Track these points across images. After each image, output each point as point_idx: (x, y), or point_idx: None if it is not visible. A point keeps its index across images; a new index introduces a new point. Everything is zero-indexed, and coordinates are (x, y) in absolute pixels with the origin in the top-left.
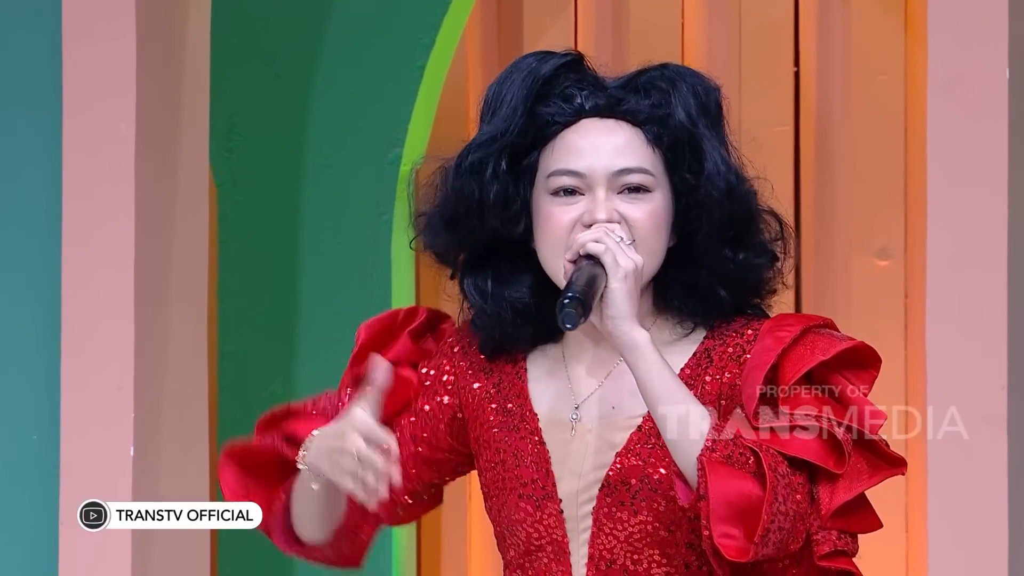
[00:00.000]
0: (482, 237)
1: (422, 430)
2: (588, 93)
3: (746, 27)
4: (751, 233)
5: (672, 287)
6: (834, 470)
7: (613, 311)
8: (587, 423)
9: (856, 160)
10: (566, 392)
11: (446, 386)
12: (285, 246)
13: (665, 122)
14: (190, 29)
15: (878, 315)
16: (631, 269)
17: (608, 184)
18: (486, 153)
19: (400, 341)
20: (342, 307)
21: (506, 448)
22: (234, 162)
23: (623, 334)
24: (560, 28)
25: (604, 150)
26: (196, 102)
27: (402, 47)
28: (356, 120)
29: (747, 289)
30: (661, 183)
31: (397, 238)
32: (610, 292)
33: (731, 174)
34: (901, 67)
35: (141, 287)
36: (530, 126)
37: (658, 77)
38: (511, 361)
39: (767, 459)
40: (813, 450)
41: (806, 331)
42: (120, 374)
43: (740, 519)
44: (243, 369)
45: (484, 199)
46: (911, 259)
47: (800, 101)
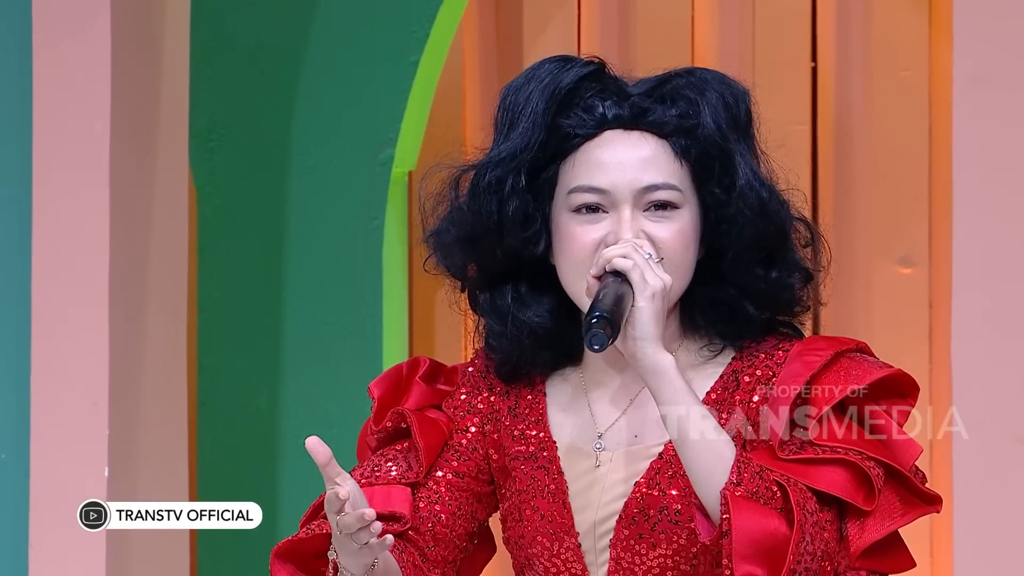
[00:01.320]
0: (500, 257)
1: (465, 466)
2: (611, 103)
3: (760, 19)
4: (784, 250)
5: (699, 305)
6: (863, 507)
7: (638, 332)
8: (610, 453)
9: (877, 161)
10: (587, 421)
11: (472, 414)
12: (269, 253)
13: (693, 134)
14: (168, 20)
15: (900, 327)
16: (659, 288)
17: (633, 202)
18: (505, 171)
19: (414, 388)
20: (330, 318)
21: (523, 477)
22: (215, 163)
23: (646, 357)
24: (562, 21)
25: (629, 165)
26: (175, 99)
27: (394, 41)
28: (345, 119)
29: (779, 308)
30: (689, 198)
31: (388, 245)
32: (637, 312)
33: (764, 189)
34: (925, 62)
35: (116, 296)
36: (550, 139)
37: (684, 85)
38: (529, 384)
39: (795, 495)
40: (841, 485)
41: (838, 356)
42: (94, 389)
43: (765, 558)
44: (225, 384)
45: (503, 218)
46: (936, 267)
47: (818, 98)
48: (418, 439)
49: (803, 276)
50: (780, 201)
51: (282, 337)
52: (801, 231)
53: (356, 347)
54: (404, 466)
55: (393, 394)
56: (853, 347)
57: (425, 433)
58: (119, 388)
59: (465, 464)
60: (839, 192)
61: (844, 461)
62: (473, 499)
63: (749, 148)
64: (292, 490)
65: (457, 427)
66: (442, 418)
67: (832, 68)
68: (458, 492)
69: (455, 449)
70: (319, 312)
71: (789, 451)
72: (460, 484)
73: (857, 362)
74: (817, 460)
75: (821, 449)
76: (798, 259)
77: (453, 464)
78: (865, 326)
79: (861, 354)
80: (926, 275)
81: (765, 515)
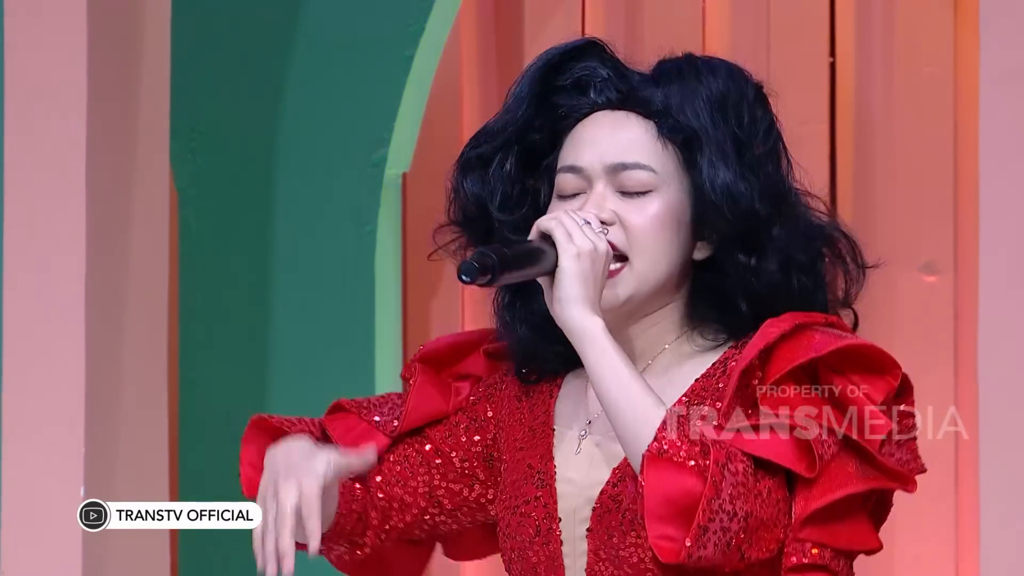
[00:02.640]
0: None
1: (450, 447)
2: (601, 82)
3: (775, 12)
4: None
5: (704, 295)
6: (805, 474)
7: (561, 292)
8: (594, 439)
9: (899, 162)
10: (583, 409)
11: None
12: (254, 260)
13: (678, 115)
14: (148, 14)
15: (924, 338)
16: (587, 249)
17: (607, 179)
18: (491, 149)
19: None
20: (319, 330)
21: (519, 465)
22: (197, 164)
23: (571, 319)
24: (565, 13)
25: (604, 143)
26: (154, 96)
27: (387, 35)
28: (335, 117)
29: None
30: (670, 182)
31: (381, 252)
32: (559, 271)
33: (730, 171)
34: (951, 57)
35: (92, 306)
36: (544, 119)
37: (676, 68)
38: (548, 382)
39: (716, 454)
40: (781, 451)
41: (800, 328)
42: (69, 406)
43: (680, 518)
44: (207, 398)
45: (487, 199)
46: (962, 274)
47: (836, 96)
48: (408, 398)
49: (783, 264)
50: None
51: (268, 349)
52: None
53: (347, 360)
54: (390, 416)
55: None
56: (821, 320)
57: (421, 395)
58: (96, 403)
59: (450, 445)
60: (858, 195)
61: (783, 426)
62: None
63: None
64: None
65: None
66: (463, 390)
67: (851, 63)
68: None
69: (449, 427)
70: (307, 323)
71: (733, 420)
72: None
73: (823, 333)
74: (756, 427)
75: (764, 415)
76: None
77: (437, 438)
78: (886, 337)
79: (831, 328)
80: (951, 283)
81: (682, 473)
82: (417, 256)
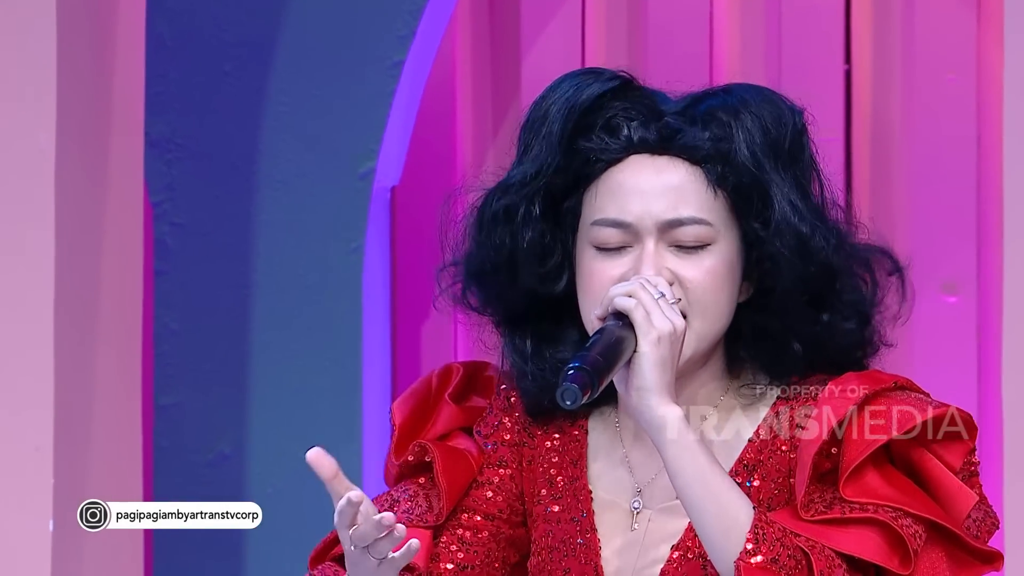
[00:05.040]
0: (517, 295)
1: (497, 505)
2: (637, 124)
3: (787, 15)
4: (834, 292)
5: (745, 338)
6: (899, 572)
7: (639, 381)
8: (648, 513)
9: (919, 176)
10: (624, 475)
11: (509, 449)
12: (234, 279)
13: (728, 160)
14: (121, 16)
15: (945, 362)
16: (667, 332)
17: (658, 235)
18: (517, 198)
19: (442, 410)
20: (303, 353)
21: (556, 531)
22: (173, 177)
23: (648, 409)
24: (564, 18)
25: (653, 195)
26: (128, 104)
27: (375, 40)
28: (320, 128)
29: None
30: (724, 231)
31: (369, 271)
32: (639, 358)
33: (804, 224)
34: (973, 64)
35: (61, 327)
36: (570, 163)
37: (719, 105)
38: (570, 418)
39: (819, 564)
40: (873, 548)
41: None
42: (37, 432)
43: None
44: (184, 426)
45: (516, 252)
46: (985, 294)
47: (852, 105)
48: (440, 477)
49: (861, 320)
50: (828, 237)
51: (249, 375)
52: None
53: (332, 385)
54: (424, 506)
55: (418, 418)
56: (891, 385)
57: (449, 470)
58: (65, 430)
59: (496, 503)
60: (876, 210)
61: (874, 521)
62: (505, 544)
63: (793, 177)
64: (258, 545)
65: (489, 460)
66: (472, 448)
67: (868, 71)
68: (487, 536)
69: (485, 486)
70: (291, 346)
71: (815, 511)
72: (490, 527)
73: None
74: (844, 520)
75: (850, 507)
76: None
77: (482, 504)
78: (905, 361)
79: (903, 391)
80: (974, 304)
81: None
82: (407, 276)
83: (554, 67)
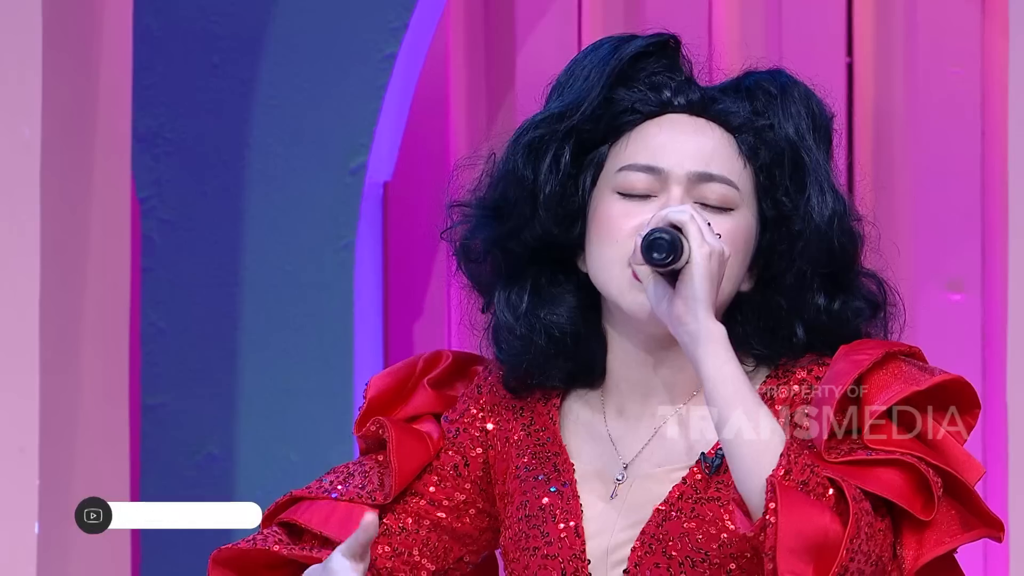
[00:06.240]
0: (528, 236)
1: (446, 494)
2: (678, 86)
3: (787, 7)
4: (851, 275)
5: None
6: (921, 516)
7: (689, 291)
8: (631, 482)
9: (922, 172)
10: (609, 451)
11: (474, 437)
12: (223, 276)
13: (764, 134)
14: (108, 9)
15: (949, 361)
16: (718, 250)
17: (687, 187)
18: (550, 131)
19: (418, 393)
20: (293, 352)
21: (533, 500)
22: (161, 172)
23: (696, 321)
24: (560, 7)
25: (687, 148)
26: (114, 99)
27: (367, 33)
28: (310, 122)
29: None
30: (747, 204)
31: (361, 268)
32: (692, 267)
33: (839, 203)
34: (978, 58)
35: (47, 325)
36: (604, 112)
37: (767, 81)
38: (544, 399)
39: (850, 491)
40: (898, 489)
41: (889, 356)
42: (22, 432)
43: (812, 556)
44: (171, 427)
45: (539, 187)
46: (990, 292)
47: (854, 99)
48: (392, 456)
49: (871, 307)
50: (855, 220)
51: (238, 373)
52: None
53: (323, 385)
54: (375, 483)
55: (393, 396)
56: (906, 350)
57: (403, 449)
58: (51, 431)
59: (445, 492)
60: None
61: (900, 463)
62: (447, 536)
63: (827, 161)
64: None
65: (448, 446)
66: (433, 432)
67: (871, 64)
68: (429, 524)
69: (438, 472)
70: (281, 345)
71: (837, 453)
72: (432, 516)
73: (911, 366)
74: (869, 461)
75: (874, 451)
76: (867, 288)
77: (429, 489)
78: None
79: (914, 359)
80: (978, 302)
81: (816, 508)
82: (399, 273)
83: (550, 60)
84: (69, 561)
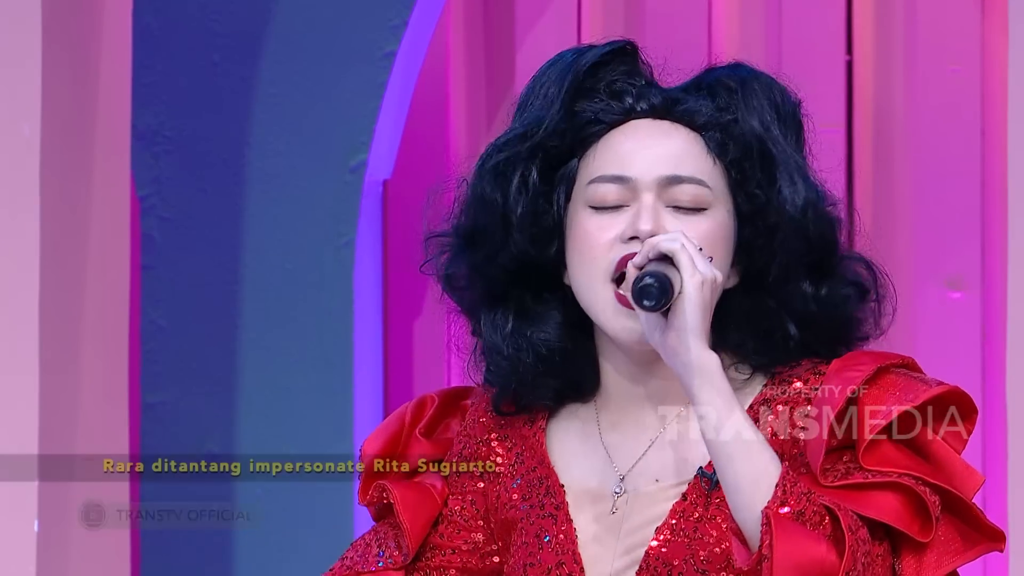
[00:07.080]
0: (505, 259)
1: (462, 538)
2: (639, 91)
3: (787, 5)
4: (834, 260)
5: (733, 319)
6: (919, 538)
7: (681, 322)
8: (627, 496)
9: (922, 169)
10: (604, 463)
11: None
12: (222, 274)
13: (730, 129)
14: (108, 8)
15: (948, 358)
16: (710, 278)
17: (657, 193)
18: (514, 152)
19: (412, 446)
20: (293, 350)
21: (528, 528)
22: (161, 170)
23: (689, 352)
24: (559, 7)
25: (654, 154)
26: (115, 97)
27: (367, 31)
28: (310, 120)
29: (831, 331)
30: (721, 201)
31: (361, 266)
32: (684, 298)
33: (811, 191)
34: (977, 56)
35: (47, 324)
36: (568, 125)
37: (727, 76)
38: (529, 422)
39: (846, 520)
40: (895, 513)
41: (881, 371)
42: (21, 432)
43: None
44: (171, 425)
45: (510, 209)
46: (989, 289)
47: (854, 97)
48: (400, 517)
49: (859, 291)
50: (829, 208)
51: (238, 372)
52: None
53: (323, 384)
54: (392, 546)
55: (389, 453)
56: (898, 362)
57: (410, 508)
58: (50, 430)
59: (462, 536)
60: (878, 204)
61: (896, 485)
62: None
63: (797, 150)
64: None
65: (455, 489)
66: (436, 482)
67: (870, 62)
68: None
69: (448, 520)
70: (280, 343)
71: (833, 476)
72: (456, 563)
73: (904, 378)
74: (866, 485)
75: (870, 473)
76: (854, 272)
77: (448, 539)
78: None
79: (907, 370)
80: (978, 299)
81: (812, 540)
82: (399, 271)
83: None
84: (69, 560)
